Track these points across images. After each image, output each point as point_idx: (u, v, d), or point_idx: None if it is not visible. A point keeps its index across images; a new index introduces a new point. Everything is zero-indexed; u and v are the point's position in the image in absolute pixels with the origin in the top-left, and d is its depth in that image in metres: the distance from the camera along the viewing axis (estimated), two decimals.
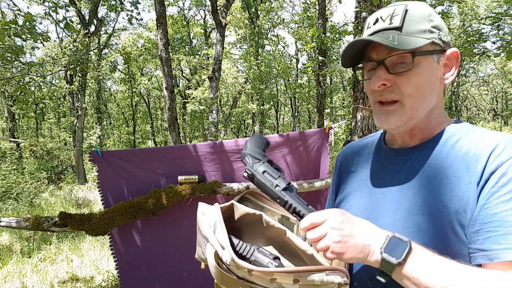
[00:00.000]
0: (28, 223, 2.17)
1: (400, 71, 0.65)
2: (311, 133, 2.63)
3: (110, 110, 22.04)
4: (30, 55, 12.27)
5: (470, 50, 5.67)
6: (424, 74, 0.65)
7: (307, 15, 9.23)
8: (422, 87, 0.65)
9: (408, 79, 0.64)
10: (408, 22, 0.65)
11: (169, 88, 5.51)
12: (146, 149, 2.52)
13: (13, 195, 8.38)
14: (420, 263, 0.53)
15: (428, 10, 0.67)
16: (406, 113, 0.66)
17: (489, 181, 0.57)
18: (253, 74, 11.94)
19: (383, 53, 0.66)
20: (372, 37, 0.64)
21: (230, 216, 0.71)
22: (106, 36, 13.76)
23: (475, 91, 24.91)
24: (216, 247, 0.59)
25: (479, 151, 0.60)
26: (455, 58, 0.69)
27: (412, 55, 0.63)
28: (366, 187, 0.78)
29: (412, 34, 0.64)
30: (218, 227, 0.62)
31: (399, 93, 0.66)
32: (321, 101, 8.16)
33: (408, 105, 0.66)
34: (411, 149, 0.71)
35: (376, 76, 0.66)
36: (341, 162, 0.91)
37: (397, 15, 0.65)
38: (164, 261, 2.44)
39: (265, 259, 0.60)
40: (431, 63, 0.66)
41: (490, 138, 0.61)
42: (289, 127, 23.52)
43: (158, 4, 5.48)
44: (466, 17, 12.42)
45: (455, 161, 0.62)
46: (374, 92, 0.69)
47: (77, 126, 10.80)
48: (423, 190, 0.64)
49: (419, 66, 0.64)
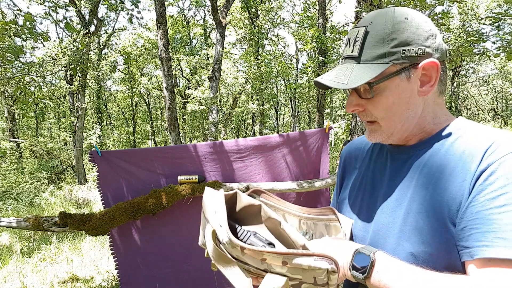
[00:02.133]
0: (28, 223, 2.17)
1: (367, 98, 0.68)
2: (311, 133, 2.63)
3: (110, 110, 22.04)
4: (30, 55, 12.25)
5: (470, 50, 5.66)
6: (392, 96, 0.66)
7: (307, 15, 9.24)
8: (393, 108, 0.67)
9: (375, 104, 0.67)
10: (366, 48, 0.65)
11: (169, 88, 5.51)
12: (146, 149, 2.52)
13: (13, 195, 8.39)
14: (385, 274, 0.55)
15: (392, 26, 0.64)
16: (385, 132, 0.70)
17: (479, 179, 0.57)
18: (253, 74, 11.94)
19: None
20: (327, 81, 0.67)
21: (233, 205, 0.72)
22: (106, 36, 13.75)
23: (475, 91, 24.90)
24: (215, 226, 0.60)
25: (475, 149, 0.60)
26: (434, 68, 0.65)
27: (369, 86, 0.65)
28: (368, 185, 0.79)
29: (370, 62, 0.65)
30: (219, 209, 0.62)
31: (372, 116, 0.70)
32: (321, 101, 8.16)
33: (384, 125, 0.69)
34: (412, 147, 0.72)
35: (348, 102, 0.71)
36: (345, 158, 0.92)
37: (357, 41, 0.66)
38: (164, 261, 2.44)
39: (259, 243, 0.61)
40: (399, 83, 0.65)
41: (486, 136, 0.61)
42: (289, 127, 23.51)
43: (158, 4, 5.48)
44: (466, 17, 12.41)
45: (452, 160, 0.63)
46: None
47: (77, 126, 10.80)
48: (421, 188, 0.65)
49: (386, 90, 0.66)
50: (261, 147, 2.54)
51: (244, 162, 2.54)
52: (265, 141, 2.55)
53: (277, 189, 2.48)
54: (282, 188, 2.48)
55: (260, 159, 2.55)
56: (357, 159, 0.87)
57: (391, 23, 0.64)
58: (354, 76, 0.64)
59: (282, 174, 2.58)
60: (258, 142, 2.54)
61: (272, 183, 2.49)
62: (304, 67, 9.03)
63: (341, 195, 0.87)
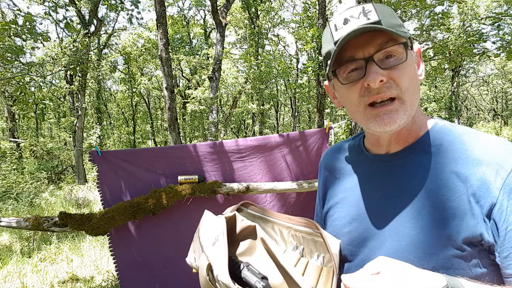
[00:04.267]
0: (28, 223, 2.17)
1: (393, 65, 0.60)
2: (311, 133, 2.63)
3: (110, 110, 22.03)
4: (30, 55, 12.26)
5: (470, 50, 5.66)
6: (411, 68, 0.63)
7: (307, 15, 9.23)
8: (413, 81, 0.62)
9: (402, 71, 0.61)
10: (384, 17, 0.61)
11: (169, 88, 5.51)
12: (146, 149, 2.52)
13: (13, 195, 8.38)
14: None
15: (390, 9, 0.65)
16: (408, 109, 0.61)
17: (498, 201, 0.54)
18: (253, 74, 11.94)
19: (369, 50, 0.61)
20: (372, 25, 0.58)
21: (232, 227, 0.71)
22: (106, 36, 13.75)
23: (475, 91, 24.90)
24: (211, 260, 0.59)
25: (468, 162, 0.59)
26: (419, 55, 0.68)
27: (404, 46, 0.60)
28: (352, 196, 0.75)
29: (392, 28, 0.60)
30: (220, 242, 0.61)
31: (397, 88, 0.60)
32: (321, 101, 8.15)
33: (407, 100, 0.61)
34: (395, 155, 0.69)
35: (373, 72, 0.59)
36: (324, 169, 0.87)
37: (370, 11, 0.60)
38: (164, 261, 2.44)
39: (253, 278, 0.59)
40: (412, 58, 0.64)
41: (478, 148, 0.59)
42: (289, 127, 23.52)
43: (158, 4, 5.48)
44: (466, 17, 12.40)
45: (444, 171, 0.61)
46: (363, 94, 0.63)
47: (77, 126, 10.80)
48: (412, 200, 0.62)
49: (408, 60, 0.61)
50: (261, 147, 2.53)
51: (244, 162, 2.53)
52: (265, 141, 2.55)
53: (277, 189, 2.48)
54: (282, 188, 2.48)
55: (260, 159, 2.55)
56: (337, 169, 0.83)
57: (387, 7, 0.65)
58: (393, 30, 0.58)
59: (282, 174, 2.58)
60: (258, 142, 2.54)
61: (272, 183, 2.49)
62: (304, 67, 9.02)
63: (326, 207, 0.83)
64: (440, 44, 5.81)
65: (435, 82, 19.02)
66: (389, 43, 0.60)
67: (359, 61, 0.62)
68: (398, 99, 0.61)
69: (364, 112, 0.64)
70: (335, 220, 0.78)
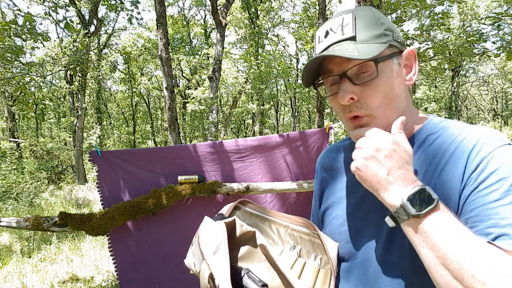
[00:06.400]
0: (28, 223, 2.17)
1: (365, 81, 0.62)
2: (311, 133, 2.63)
3: (110, 110, 22.04)
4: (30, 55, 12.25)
5: (470, 50, 5.66)
6: (388, 80, 0.63)
7: (307, 15, 9.23)
8: (390, 93, 0.63)
9: (374, 88, 0.62)
10: (360, 29, 0.62)
11: (169, 88, 5.51)
12: (146, 149, 2.52)
13: (13, 195, 8.39)
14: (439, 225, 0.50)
15: (376, 13, 0.65)
16: (382, 121, 0.63)
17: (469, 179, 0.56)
18: (253, 74, 11.94)
19: (343, 65, 0.63)
20: (331, 51, 0.61)
21: (231, 232, 0.71)
22: (106, 36, 13.76)
23: (475, 91, 24.91)
24: (213, 270, 0.60)
25: (459, 150, 0.59)
26: (413, 56, 0.67)
27: (374, 62, 0.60)
28: (349, 196, 0.76)
29: (367, 41, 0.61)
30: (221, 251, 0.61)
31: (367, 108, 0.63)
32: (321, 101, 8.15)
33: (379, 116, 0.63)
34: None
35: (342, 90, 0.62)
36: (321, 169, 0.88)
37: (347, 25, 0.62)
38: (163, 261, 2.44)
39: (254, 285, 0.60)
40: (393, 67, 0.64)
41: (469, 136, 0.60)
42: (289, 127, 23.52)
43: (158, 4, 5.48)
44: (466, 17, 12.41)
45: (437, 165, 0.61)
46: (343, 108, 0.66)
47: (77, 126, 10.80)
48: None
49: (383, 73, 0.62)
50: (261, 147, 2.53)
51: (244, 162, 2.53)
52: (265, 141, 2.55)
53: (277, 189, 2.48)
54: (282, 188, 2.48)
55: (260, 159, 2.55)
56: (333, 169, 0.83)
57: (373, 11, 0.65)
58: (362, 50, 0.59)
59: (282, 174, 2.58)
60: (258, 142, 2.53)
61: (272, 183, 2.49)
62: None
63: (323, 207, 0.83)
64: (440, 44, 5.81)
65: (435, 82, 19.02)
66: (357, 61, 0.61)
67: (335, 76, 0.65)
68: (367, 116, 0.64)
69: (346, 122, 0.68)
70: (332, 219, 0.78)
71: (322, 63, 0.66)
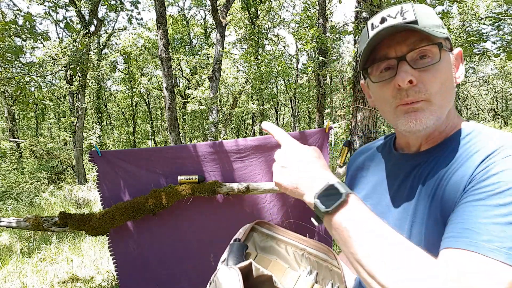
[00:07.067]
0: (28, 223, 2.17)
1: (425, 66, 0.60)
2: (311, 133, 2.63)
3: (110, 110, 22.04)
4: (30, 55, 12.26)
5: (470, 50, 5.66)
6: (445, 69, 0.62)
7: (307, 15, 9.23)
8: (446, 83, 0.62)
9: (434, 74, 0.60)
10: (421, 17, 0.61)
11: (169, 88, 5.51)
12: (146, 149, 2.52)
13: (13, 195, 8.39)
14: (349, 220, 0.49)
15: (430, 9, 0.65)
16: (436, 111, 0.61)
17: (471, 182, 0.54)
18: (253, 74, 11.93)
19: (402, 49, 0.61)
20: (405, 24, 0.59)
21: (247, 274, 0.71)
22: (106, 36, 13.75)
23: (475, 91, 24.90)
24: None
25: (478, 156, 0.57)
26: (460, 57, 0.68)
27: (438, 46, 0.60)
28: (376, 194, 0.76)
29: (430, 28, 0.60)
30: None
31: (426, 93, 0.60)
32: (321, 101, 8.16)
33: (436, 102, 0.61)
34: (421, 154, 0.68)
35: (403, 71, 0.60)
36: (352, 166, 0.89)
37: (407, 11, 0.61)
38: (164, 261, 2.44)
39: None
40: (449, 59, 0.63)
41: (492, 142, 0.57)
42: (289, 127, 23.51)
43: (158, 4, 5.48)
44: (466, 17, 12.41)
45: (460, 168, 0.58)
46: (396, 94, 0.63)
47: (77, 126, 10.80)
48: (426, 198, 0.62)
49: (443, 61, 0.61)
50: (261, 147, 2.53)
51: (244, 162, 2.53)
52: (265, 141, 2.55)
53: (277, 189, 2.48)
54: None
55: (260, 159, 2.55)
56: (364, 168, 0.84)
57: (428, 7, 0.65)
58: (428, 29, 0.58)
59: None
60: (258, 142, 2.53)
61: (272, 183, 2.49)
62: (304, 67, 9.03)
63: None
64: None
65: None
66: (423, 43, 0.60)
67: (391, 60, 0.63)
68: (425, 100, 0.61)
69: (394, 110, 0.64)
70: None
71: (375, 49, 0.64)
